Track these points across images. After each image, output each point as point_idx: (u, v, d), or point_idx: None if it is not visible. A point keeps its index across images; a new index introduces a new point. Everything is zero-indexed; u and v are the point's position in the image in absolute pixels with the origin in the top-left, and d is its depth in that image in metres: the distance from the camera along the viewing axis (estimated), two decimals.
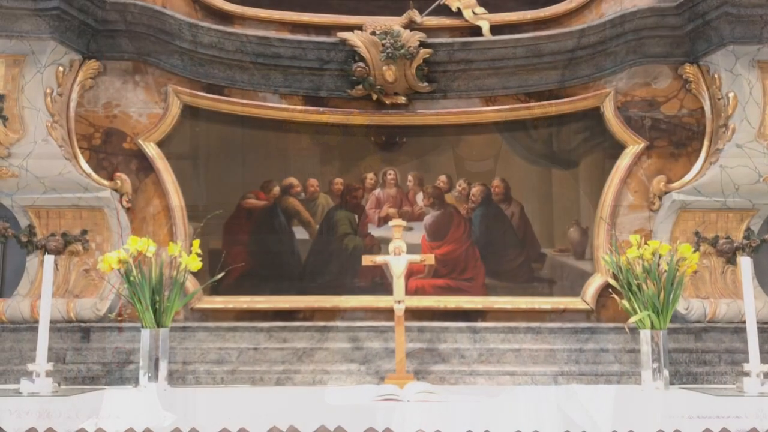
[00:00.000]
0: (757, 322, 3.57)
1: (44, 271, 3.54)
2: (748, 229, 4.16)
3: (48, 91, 3.97)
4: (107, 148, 4.22)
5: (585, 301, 4.18)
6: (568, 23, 4.27)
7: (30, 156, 3.95)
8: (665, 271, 3.59)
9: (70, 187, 4.04)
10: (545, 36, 4.17)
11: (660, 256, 3.62)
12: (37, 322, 3.62)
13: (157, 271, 3.64)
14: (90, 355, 3.97)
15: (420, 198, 4.35)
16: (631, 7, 4.18)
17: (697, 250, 4.04)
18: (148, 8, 4.12)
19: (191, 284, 4.05)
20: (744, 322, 3.59)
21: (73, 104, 4.16)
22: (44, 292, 3.52)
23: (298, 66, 4.25)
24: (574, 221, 4.29)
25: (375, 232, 4.31)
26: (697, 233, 4.15)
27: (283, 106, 4.32)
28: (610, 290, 4.04)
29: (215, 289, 4.16)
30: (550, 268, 4.26)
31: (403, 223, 3.92)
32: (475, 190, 4.33)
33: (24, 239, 4.09)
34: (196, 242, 3.72)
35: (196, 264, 3.68)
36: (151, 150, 4.20)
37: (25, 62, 3.93)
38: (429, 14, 4.26)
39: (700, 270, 4.06)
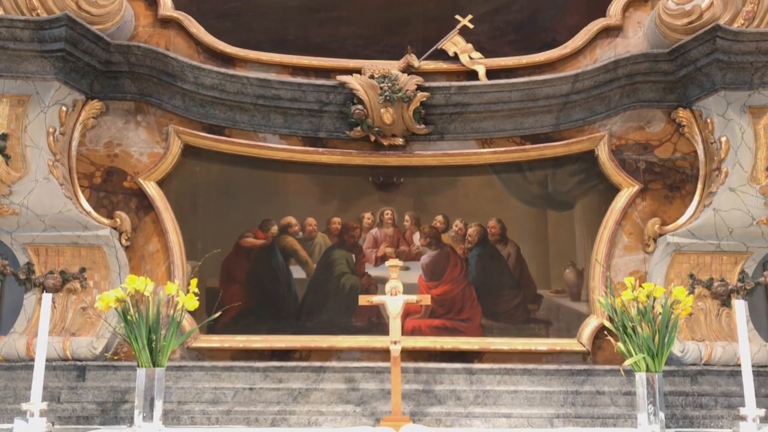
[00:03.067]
0: (753, 366, 3.57)
1: (41, 309, 3.54)
2: (742, 271, 4.18)
3: (51, 130, 4.04)
4: (108, 187, 4.27)
5: (581, 343, 4.18)
6: (563, 68, 4.36)
7: (31, 194, 3.99)
8: (660, 313, 3.61)
9: (69, 225, 4.07)
10: (540, 81, 4.25)
11: (654, 299, 3.63)
12: (32, 360, 3.62)
13: (154, 310, 3.64)
14: (85, 395, 3.95)
15: (417, 238, 4.38)
16: (624, 53, 4.27)
17: (691, 292, 4.06)
18: (152, 50, 4.20)
19: (188, 323, 4.05)
20: (740, 365, 3.59)
21: (75, 143, 4.21)
22: (41, 330, 3.52)
23: (298, 107, 4.32)
24: (570, 263, 4.32)
25: (372, 271, 4.34)
26: (691, 275, 4.17)
27: (283, 146, 4.38)
28: (605, 332, 4.05)
29: (212, 328, 4.17)
30: (546, 310, 4.27)
31: (400, 263, 3.94)
32: (472, 230, 4.36)
33: (22, 276, 4.10)
34: (194, 281, 3.74)
35: (193, 303, 3.69)
36: (151, 189, 4.24)
37: (29, 102, 4.01)
38: (426, 59, 4.35)
39: (695, 312, 4.07)
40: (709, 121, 4.15)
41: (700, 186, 4.23)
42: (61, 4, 4.09)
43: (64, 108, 4.09)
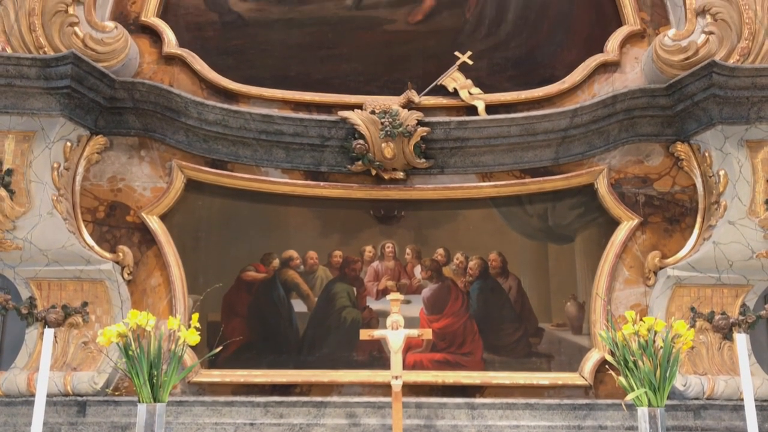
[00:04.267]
0: (756, 400, 3.55)
1: (43, 344, 3.53)
2: (743, 305, 4.18)
3: (55, 165, 4.08)
4: (111, 221, 4.30)
5: (583, 377, 4.16)
6: (562, 103, 4.41)
7: (35, 229, 4.02)
8: (661, 347, 3.59)
9: (72, 259, 4.09)
10: (539, 116, 4.30)
11: (655, 333, 3.63)
12: (33, 395, 3.61)
13: (155, 345, 3.63)
14: (85, 430, 3.93)
15: (418, 271, 4.39)
16: (622, 88, 4.33)
17: (692, 326, 4.06)
18: (156, 87, 4.27)
19: (189, 357, 4.05)
20: (743, 399, 3.57)
21: (79, 178, 4.26)
22: (42, 365, 3.50)
23: (300, 142, 4.37)
24: (571, 296, 4.32)
25: (373, 304, 4.34)
26: (692, 309, 4.17)
27: (285, 180, 4.42)
28: (607, 366, 4.03)
29: (213, 363, 4.16)
30: (548, 343, 4.26)
31: (401, 297, 3.95)
32: (473, 263, 4.38)
33: (24, 311, 4.11)
34: (195, 316, 3.73)
35: (194, 338, 3.68)
36: (154, 223, 4.27)
37: (34, 138, 4.06)
38: (426, 94, 4.40)
39: (696, 346, 4.06)
40: (707, 154, 4.19)
41: (699, 219, 4.25)
42: (68, 42, 4.18)
43: (68, 143, 4.14)
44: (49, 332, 3.59)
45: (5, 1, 4.15)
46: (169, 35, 4.46)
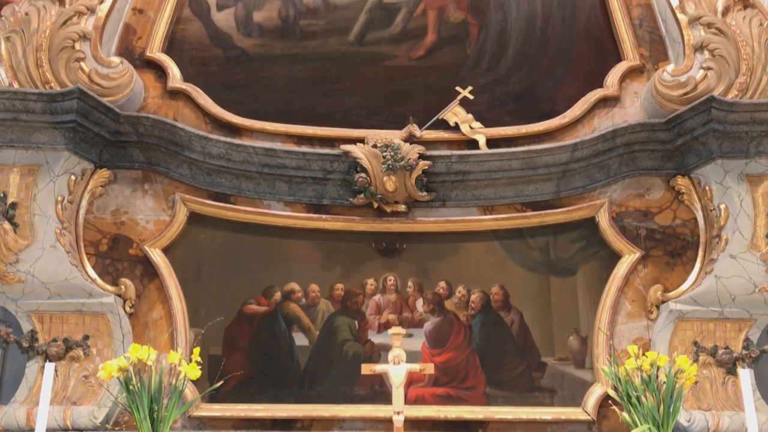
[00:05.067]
0: None
1: (44, 378, 3.53)
2: (746, 339, 4.16)
3: (59, 198, 4.11)
4: (113, 254, 4.31)
5: (586, 412, 4.13)
6: (562, 137, 4.44)
7: (38, 262, 4.03)
8: (664, 382, 3.58)
9: (74, 292, 4.09)
10: (540, 149, 4.33)
11: (658, 368, 3.61)
12: (32, 430, 3.59)
13: (156, 379, 3.63)
14: None
15: (420, 304, 4.39)
16: (622, 123, 4.37)
17: (696, 360, 4.04)
18: (160, 121, 4.31)
19: (190, 391, 4.02)
20: None
21: (82, 211, 4.28)
22: (42, 400, 3.49)
23: (303, 176, 4.39)
24: (574, 329, 4.31)
25: (375, 338, 4.33)
26: (695, 343, 4.15)
27: (287, 213, 4.44)
28: (610, 401, 4.00)
29: (213, 397, 4.14)
30: (550, 377, 4.24)
31: (403, 331, 3.95)
32: (475, 296, 4.37)
33: (25, 344, 4.10)
34: (196, 350, 3.73)
35: (195, 373, 3.67)
36: (157, 256, 4.28)
37: (39, 171, 4.09)
38: (428, 128, 4.44)
39: (700, 381, 4.03)
40: (707, 188, 4.21)
41: (701, 253, 4.26)
42: (74, 77, 4.23)
43: (73, 177, 4.17)
44: (49, 366, 3.59)
45: (14, 38, 4.21)
46: (173, 70, 4.51)
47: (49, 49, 4.24)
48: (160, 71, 4.54)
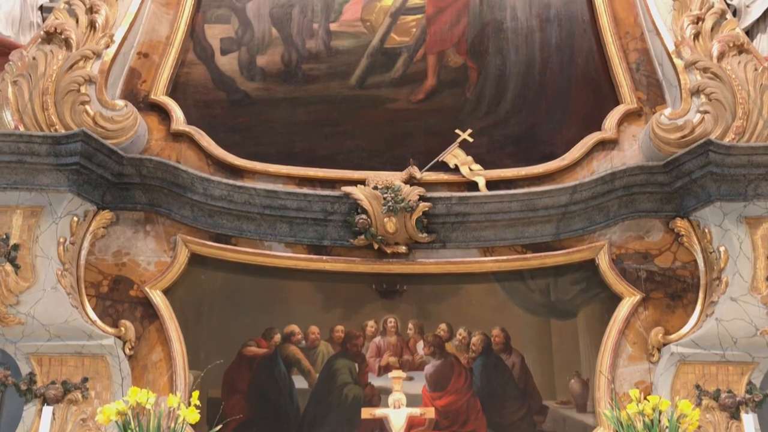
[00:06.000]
0: None
1: (41, 422, 3.51)
2: (749, 383, 4.12)
3: (61, 240, 4.13)
4: (114, 296, 4.31)
5: None
6: (561, 179, 4.47)
7: (38, 303, 4.03)
8: (667, 427, 3.55)
9: (74, 334, 4.08)
10: (539, 191, 4.36)
11: (660, 412, 3.58)
12: None
13: (155, 423, 3.60)
14: None
15: (420, 347, 4.37)
16: (620, 165, 4.40)
17: (698, 404, 4.00)
18: (163, 163, 4.35)
19: None
20: None
21: (84, 252, 4.29)
22: None
23: (304, 217, 4.42)
24: (575, 372, 4.28)
25: (375, 381, 4.30)
26: (698, 386, 4.11)
27: (288, 254, 4.45)
28: None
29: None
30: (552, 421, 4.20)
31: (403, 374, 3.94)
32: (476, 339, 4.36)
33: (23, 387, 4.07)
34: (195, 394, 3.71)
35: (194, 416, 3.64)
36: (157, 298, 4.28)
37: (42, 213, 4.12)
38: (428, 170, 4.48)
39: (703, 425, 3.99)
40: (706, 231, 4.22)
41: (701, 295, 4.25)
42: (78, 120, 4.29)
43: (75, 218, 4.19)
44: (47, 410, 3.57)
45: (20, 81, 4.28)
46: (177, 113, 4.57)
47: (55, 92, 4.31)
48: (163, 114, 4.60)
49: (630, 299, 4.27)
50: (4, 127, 4.21)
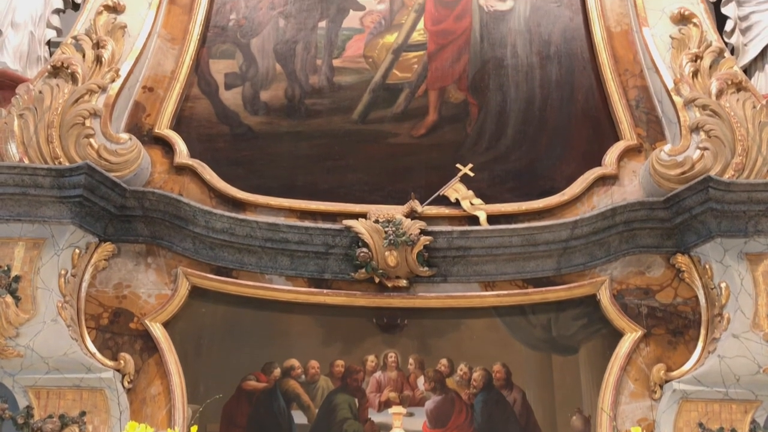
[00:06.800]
0: None
1: None
2: (753, 421, 4.07)
3: (63, 272, 4.13)
4: (114, 328, 4.29)
5: None
6: (562, 214, 4.48)
7: (38, 336, 4.01)
8: None
9: (73, 367, 4.06)
10: (540, 226, 4.36)
11: None
12: None
13: None
14: None
15: (421, 382, 4.34)
16: (621, 201, 4.42)
17: None
18: (166, 196, 4.37)
19: None
20: None
21: (85, 285, 4.28)
22: None
23: (305, 250, 4.42)
24: (577, 409, 4.24)
25: (375, 417, 4.26)
26: (701, 425, 4.07)
27: (289, 287, 4.44)
28: None
29: None
30: None
31: (403, 411, 3.91)
32: (477, 374, 4.33)
33: (20, 421, 4.03)
34: (194, 428, 3.67)
35: None
36: (157, 331, 4.26)
37: (44, 245, 4.12)
38: (429, 204, 4.49)
39: None
40: (707, 267, 4.22)
41: (703, 331, 4.23)
42: (82, 153, 4.32)
43: (77, 250, 4.20)
44: None
45: (26, 115, 4.33)
46: (181, 146, 4.60)
47: (60, 125, 4.35)
48: (167, 147, 4.64)
49: (631, 335, 4.25)
50: (10, 159, 4.25)
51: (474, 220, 4.48)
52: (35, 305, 4.04)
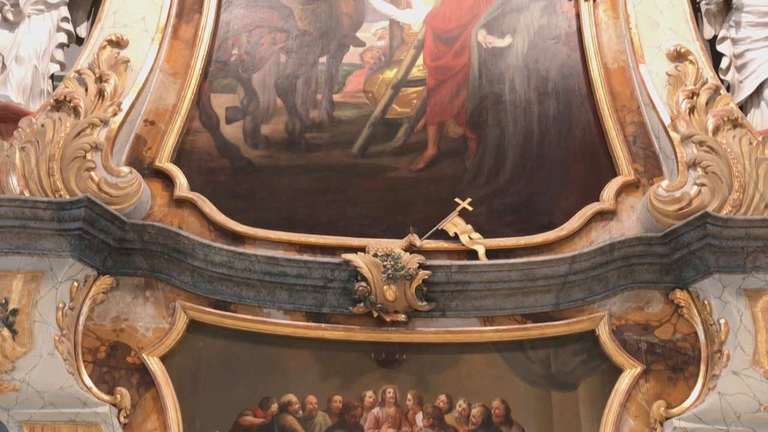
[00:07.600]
0: None
1: None
2: None
3: (60, 305, 4.12)
4: (111, 362, 4.27)
5: None
6: (560, 249, 4.49)
7: (34, 370, 3.99)
8: None
9: (69, 402, 4.02)
10: (538, 261, 4.37)
11: None
12: None
13: None
14: None
15: (419, 418, 4.30)
16: (619, 236, 4.42)
17: None
18: (165, 229, 4.37)
19: None
20: None
21: (82, 318, 4.26)
22: None
23: (303, 284, 4.41)
24: None
25: None
26: None
27: (287, 321, 4.43)
28: None
29: None
30: None
31: None
32: (476, 411, 4.29)
33: None
34: None
35: None
36: (154, 365, 4.23)
37: (42, 278, 4.12)
38: (428, 238, 4.49)
39: None
40: (706, 302, 4.21)
41: (703, 368, 4.20)
42: (83, 186, 4.34)
43: (75, 283, 4.19)
44: None
45: (28, 148, 4.36)
46: (181, 179, 4.62)
47: (61, 158, 4.37)
48: (167, 180, 4.65)
49: (631, 371, 4.23)
50: (10, 192, 4.26)
51: (473, 254, 4.48)
52: (32, 339, 4.03)
